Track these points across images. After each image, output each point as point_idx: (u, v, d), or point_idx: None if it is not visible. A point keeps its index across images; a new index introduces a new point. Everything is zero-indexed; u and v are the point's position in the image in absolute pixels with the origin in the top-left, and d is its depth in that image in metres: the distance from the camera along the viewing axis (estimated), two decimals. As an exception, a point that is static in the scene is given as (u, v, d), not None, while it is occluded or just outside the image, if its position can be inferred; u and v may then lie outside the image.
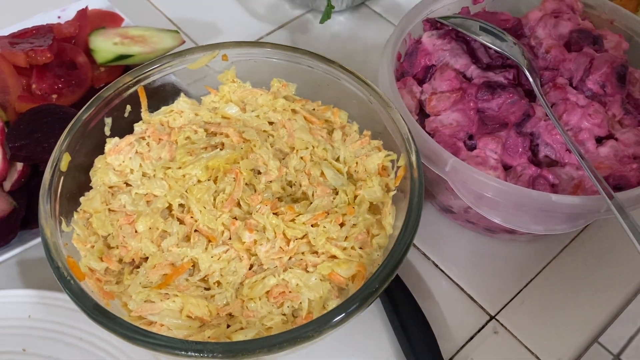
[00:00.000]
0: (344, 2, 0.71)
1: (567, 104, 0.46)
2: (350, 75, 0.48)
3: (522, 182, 0.44)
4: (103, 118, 0.46)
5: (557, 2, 0.53)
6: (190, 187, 0.44)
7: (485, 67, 0.49)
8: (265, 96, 0.51)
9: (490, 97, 0.46)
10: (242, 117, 0.50)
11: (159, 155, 0.47)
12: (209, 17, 0.72)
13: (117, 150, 0.46)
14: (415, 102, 0.49)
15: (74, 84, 0.57)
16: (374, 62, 0.68)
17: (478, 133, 0.46)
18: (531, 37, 0.51)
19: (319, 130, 0.49)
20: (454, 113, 0.46)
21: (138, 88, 0.48)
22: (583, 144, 0.46)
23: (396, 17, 0.73)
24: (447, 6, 0.55)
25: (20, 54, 0.55)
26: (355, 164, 0.47)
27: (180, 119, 0.50)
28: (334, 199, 0.45)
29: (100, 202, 0.43)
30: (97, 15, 0.65)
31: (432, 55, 0.50)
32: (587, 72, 0.48)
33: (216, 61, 0.50)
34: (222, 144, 0.48)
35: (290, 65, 0.51)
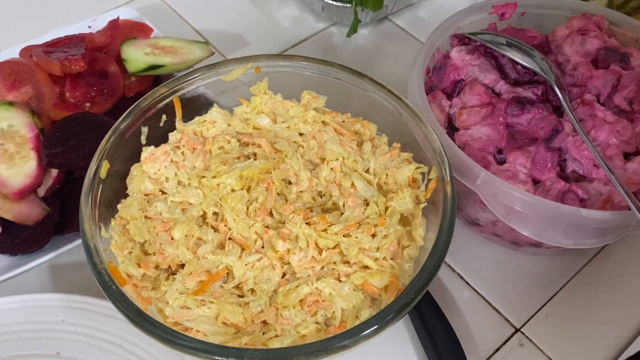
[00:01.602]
0: (367, 16, 0.72)
1: (595, 120, 0.47)
2: (380, 88, 0.49)
3: (550, 197, 0.45)
4: (140, 127, 0.47)
5: (583, 20, 0.54)
6: (224, 196, 0.45)
7: (513, 83, 0.50)
8: (296, 108, 0.52)
9: (520, 112, 0.47)
10: (273, 128, 0.51)
11: (194, 164, 0.48)
12: (235, 29, 0.73)
13: (153, 159, 0.47)
14: (444, 116, 0.50)
15: (106, 93, 0.58)
16: (397, 76, 0.69)
17: (507, 147, 0.47)
18: (558, 53, 0.52)
19: (349, 142, 0.50)
20: (484, 127, 0.47)
21: (174, 98, 0.49)
22: (611, 160, 0.46)
23: (418, 32, 0.74)
24: (474, 22, 0.56)
25: (55, 63, 0.56)
26: (385, 175, 0.48)
27: (213, 129, 0.51)
28: (365, 210, 0.45)
29: (137, 209, 0.44)
30: (127, 25, 0.66)
31: (461, 70, 0.51)
32: (614, 89, 0.49)
33: (248, 73, 0.51)
34: (255, 154, 0.49)
35: (321, 78, 0.52)
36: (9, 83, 0.56)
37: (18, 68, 0.57)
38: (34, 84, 0.56)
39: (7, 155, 0.51)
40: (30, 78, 0.56)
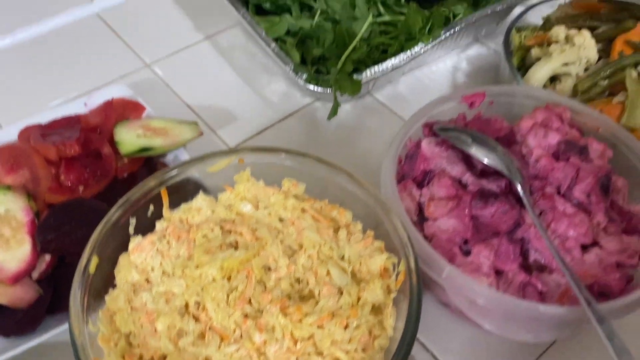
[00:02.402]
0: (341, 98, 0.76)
1: (555, 213, 0.50)
2: (353, 179, 0.52)
3: (512, 288, 0.48)
4: (128, 218, 0.50)
5: (547, 111, 0.57)
6: (206, 286, 0.48)
7: (479, 174, 0.54)
8: (277, 195, 0.55)
9: (484, 206, 0.50)
10: (255, 215, 0.54)
11: (178, 253, 0.51)
12: (225, 104, 0.77)
13: (140, 249, 0.50)
14: (414, 205, 0.53)
15: (99, 175, 0.61)
16: (378, 150, 0.72)
17: (473, 239, 0.50)
18: (523, 144, 0.56)
19: (326, 229, 0.53)
20: (451, 219, 0.50)
21: (161, 190, 0.52)
22: (570, 251, 0.49)
23: (398, 107, 0.78)
24: (445, 112, 0.59)
25: (51, 148, 0.60)
26: (359, 263, 0.51)
27: (198, 216, 0.54)
28: (339, 299, 0.48)
29: (123, 300, 0.47)
30: (120, 104, 0.70)
31: (430, 160, 0.55)
32: (573, 181, 0.52)
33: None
34: (237, 242, 0.52)
35: (300, 167, 0.55)
36: (7, 166, 0.60)
37: (16, 152, 0.60)
38: (31, 167, 0.59)
39: (4, 239, 0.54)
40: (28, 162, 0.60)
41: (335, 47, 0.70)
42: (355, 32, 0.68)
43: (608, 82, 0.65)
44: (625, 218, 0.52)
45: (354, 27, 0.68)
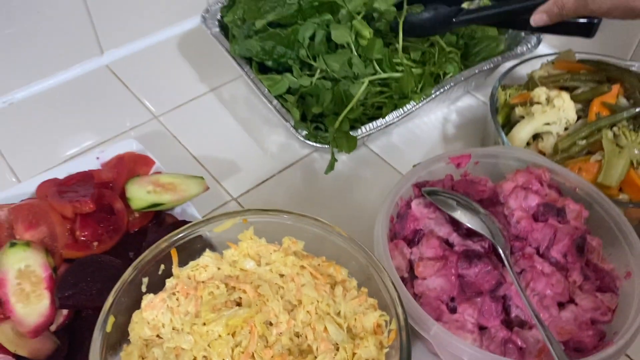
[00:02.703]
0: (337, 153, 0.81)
1: (534, 272, 0.55)
2: (347, 239, 0.57)
3: (495, 343, 0.52)
4: (141, 278, 0.55)
5: (527, 174, 0.62)
6: (212, 342, 0.52)
7: (465, 234, 0.58)
8: (278, 253, 0.59)
9: (469, 266, 0.55)
10: (257, 271, 0.59)
11: (187, 310, 0.55)
12: (229, 154, 0.82)
13: (152, 306, 0.54)
14: (406, 262, 0.58)
15: (111, 230, 0.66)
16: (373, 199, 0.77)
17: (459, 297, 0.54)
18: (505, 206, 0.60)
19: (323, 286, 0.57)
20: (438, 279, 0.55)
21: (171, 250, 0.57)
22: (548, 309, 0.54)
23: (390, 156, 0.83)
24: (434, 172, 0.64)
25: (67, 206, 0.64)
26: (354, 319, 0.55)
27: (205, 272, 0.58)
28: (335, 355, 0.52)
29: (137, 356, 0.51)
30: (131, 158, 0.75)
31: (420, 221, 0.59)
32: (551, 242, 0.57)
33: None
34: (240, 298, 0.56)
35: (299, 226, 0.60)
36: (27, 223, 0.64)
37: (35, 209, 0.65)
38: (49, 224, 0.64)
39: (24, 294, 0.58)
40: (45, 219, 0.64)
41: (333, 105, 0.75)
42: (352, 94, 0.73)
43: (586, 141, 0.70)
44: (599, 276, 0.56)
45: (351, 89, 0.73)
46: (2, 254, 0.60)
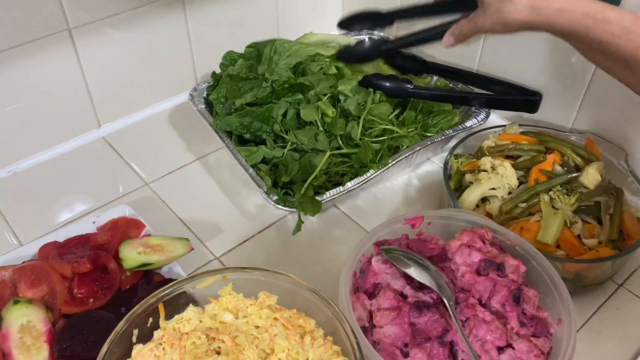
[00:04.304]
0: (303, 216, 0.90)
1: (476, 320, 0.63)
2: (315, 293, 0.65)
3: (442, 384, 0.59)
4: (132, 329, 0.62)
5: (471, 233, 0.71)
6: (194, 387, 0.59)
7: (417, 287, 0.67)
8: (254, 306, 0.67)
9: (419, 315, 0.63)
10: (235, 323, 0.66)
11: (172, 358, 0.62)
12: (211, 217, 0.91)
13: (141, 355, 0.61)
14: (366, 313, 0.66)
15: (106, 287, 0.73)
16: (343, 254, 0.85)
17: (411, 342, 0.62)
18: (452, 261, 0.69)
19: (294, 335, 0.65)
20: (393, 327, 0.63)
21: (159, 305, 0.64)
22: (488, 352, 0.61)
23: (357, 217, 0.92)
24: (392, 231, 0.73)
25: (66, 266, 0.72)
26: (320, 366, 0.62)
27: (188, 325, 0.65)
28: (303, 399, 0.59)
29: (127, 400, 0.58)
30: (124, 222, 0.83)
31: (378, 275, 0.68)
32: (491, 293, 0.65)
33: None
34: (219, 347, 0.63)
35: (273, 282, 0.68)
36: (29, 282, 0.71)
37: (37, 270, 0.72)
38: (49, 283, 0.71)
39: (25, 347, 0.65)
40: (46, 278, 0.72)
41: (300, 174, 0.84)
42: (316, 164, 0.83)
43: (527, 204, 0.80)
44: (534, 323, 0.64)
45: (315, 160, 0.83)
46: (6, 311, 0.67)
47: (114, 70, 1.01)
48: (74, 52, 0.94)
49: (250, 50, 0.98)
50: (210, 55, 1.06)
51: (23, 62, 0.90)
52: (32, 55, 0.90)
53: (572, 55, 0.94)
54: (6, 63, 0.88)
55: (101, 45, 0.97)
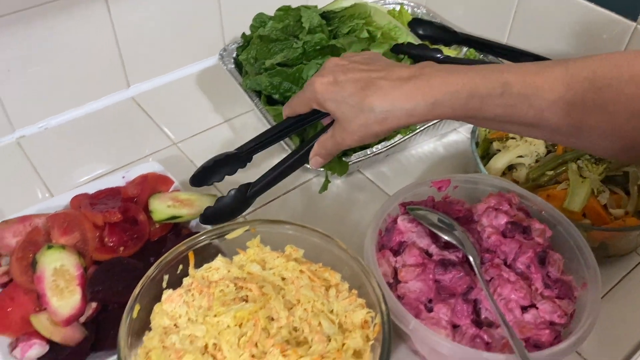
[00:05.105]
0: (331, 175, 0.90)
1: (500, 280, 0.64)
2: (342, 248, 0.66)
3: (466, 339, 0.60)
4: (162, 275, 0.64)
5: (498, 197, 0.71)
6: (222, 331, 0.61)
7: (442, 246, 0.67)
8: (280, 259, 0.68)
9: (444, 272, 0.63)
10: (262, 274, 0.68)
11: (200, 304, 0.63)
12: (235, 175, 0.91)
13: (170, 300, 0.63)
14: (391, 269, 0.67)
15: (135, 238, 0.75)
16: (366, 219, 0.86)
17: (435, 298, 0.63)
18: (478, 223, 0.70)
19: (319, 287, 0.66)
20: (418, 282, 0.63)
21: (189, 253, 0.66)
22: (512, 311, 0.62)
23: (381, 183, 0.92)
24: (418, 194, 0.74)
25: (98, 215, 0.74)
26: (344, 316, 0.63)
27: (216, 274, 0.67)
28: (327, 345, 0.60)
29: (157, 340, 0.60)
30: (153, 178, 0.84)
31: (404, 234, 0.68)
32: (517, 254, 0.66)
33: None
34: (247, 296, 0.64)
35: (300, 235, 0.69)
36: (62, 229, 0.73)
37: (69, 218, 0.74)
38: (81, 231, 0.73)
39: (58, 289, 0.67)
40: (79, 226, 0.73)
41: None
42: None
43: (554, 172, 0.80)
44: (558, 285, 0.65)
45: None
46: (41, 255, 0.69)
47: (145, 31, 1.02)
48: (106, 10, 0.95)
49: (280, 14, 0.98)
50: (238, 19, 1.06)
51: (56, 19, 0.91)
52: (65, 12, 0.91)
53: (603, 31, 0.93)
54: (38, 19, 0.89)
55: (134, 5, 0.98)
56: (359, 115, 0.59)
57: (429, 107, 0.56)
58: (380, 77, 0.59)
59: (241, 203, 0.75)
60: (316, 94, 0.65)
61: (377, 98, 0.58)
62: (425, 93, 0.55)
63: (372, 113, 0.58)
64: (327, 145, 0.68)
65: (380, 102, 0.57)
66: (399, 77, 0.58)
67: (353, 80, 0.61)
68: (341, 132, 0.63)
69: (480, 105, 0.54)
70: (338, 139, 0.65)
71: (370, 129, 0.60)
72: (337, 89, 0.62)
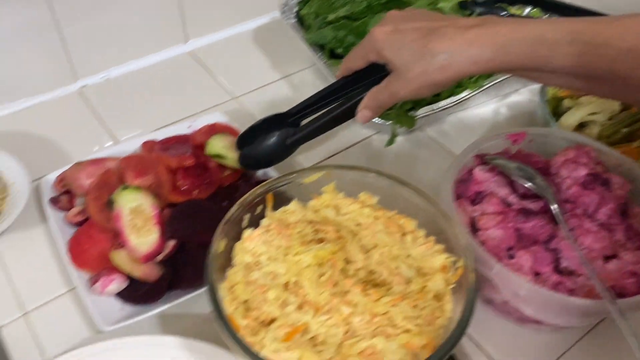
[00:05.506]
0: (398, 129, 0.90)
1: (581, 229, 0.63)
2: (420, 194, 0.65)
3: (547, 286, 0.60)
4: (242, 215, 0.64)
5: (576, 150, 0.70)
6: (302, 269, 0.61)
7: (521, 196, 0.67)
8: (355, 205, 0.68)
9: (525, 220, 0.63)
10: (336, 219, 0.68)
11: (279, 244, 0.64)
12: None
13: (251, 239, 0.63)
14: (468, 219, 0.66)
15: (207, 183, 0.75)
16: (428, 178, 0.86)
17: (516, 246, 0.62)
18: (556, 175, 0.69)
19: (395, 234, 0.66)
20: (498, 230, 0.63)
21: (267, 195, 0.66)
22: (594, 261, 0.61)
23: (445, 140, 0.92)
24: (492, 146, 0.73)
25: (173, 159, 0.74)
26: (422, 261, 0.63)
27: (292, 216, 0.67)
28: (407, 287, 0.61)
29: (241, 275, 0.60)
30: (221, 127, 0.84)
31: (482, 184, 0.68)
32: (598, 206, 0.65)
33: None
34: (324, 238, 0.65)
35: (375, 183, 0.68)
36: (136, 171, 0.74)
37: (144, 161, 0.75)
38: (155, 173, 0.74)
39: (136, 228, 0.68)
40: (153, 169, 0.74)
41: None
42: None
43: (628, 129, 0.78)
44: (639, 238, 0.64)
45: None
46: (117, 195, 0.70)
47: (205, -15, 1.02)
48: (170, -39, 0.95)
49: (342, -31, 0.97)
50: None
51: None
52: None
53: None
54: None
55: (196, -43, 0.97)
56: (420, 61, 0.57)
57: (495, 54, 0.53)
58: (444, 25, 0.57)
59: (281, 150, 0.75)
60: (375, 43, 0.62)
61: (440, 43, 0.55)
62: (492, 38, 0.53)
63: (435, 59, 0.56)
64: (379, 96, 0.64)
65: (444, 47, 0.55)
66: (464, 25, 0.55)
67: (415, 28, 0.59)
68: (397, 81, 0.60)
69: (548, 53, 0.52)
70: (393, 89, 0.61)
71: (429, 77, 0.57)
72: (398, 36, 0.60)
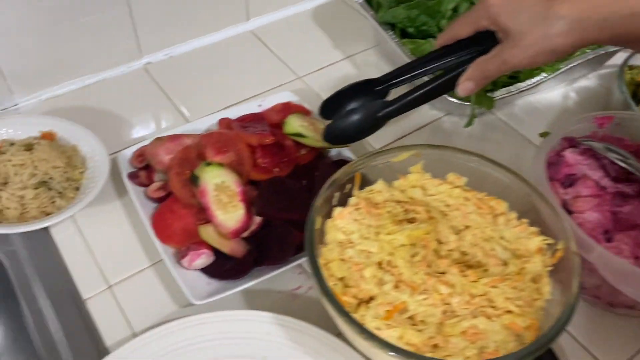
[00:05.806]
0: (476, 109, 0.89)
1: (681, 214, 0.62)
2: (514, 175, 0.64)
3: (649, 270, 0.59)
4: (333, 193, 0.63)
5: (668, 134, 0.69)
6: (395, 248, 0.61)
7: (614, 180, 0.65)
8: (444, 185, 0.67)
9: (623, 203, 0.62)
10: (424, 199, 0.67)
11: (370, 223, 0.63)
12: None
13: (341, 217, 0.63)
14: (560, 201, 0.65)
15: (285, 161, 0.75)
16: (503, 159, 0.82)
17: (613, 230, 0.61)
18: (650, 158, 0.67)
19: (487, 215, 0.65)
20: (594, 213, 0.62)
21: (355, 174, 0.65)
22: (696, 246, 0.60)
23: (515, 123, 0.90)
24: (579, 129, 0.71)
25: (253, 136, 0.74)
26: (517, 243, 0.62)
27: (379, 196, 0.66)
28: (504, 269, 0.60)
29: (336, 253, 0.60)
30: (294, 106, 0.84)
31: (573, 167, 0.67)
32: (696, 190, 0.64)
33: (408, 156, 0.68)
34: (414, 218, 0.64)
35: (464, 164, 0.67)
36: (216, 148, 0.73)
37: (223, 138, 0.74)
38: (236, 150, 0.73)
39: (222, 204, 0.68)
40: (233, 146, 0.73)
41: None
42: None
43: None
44: None
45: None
46: (200, 171, 0.70)
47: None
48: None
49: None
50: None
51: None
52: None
53: None
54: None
55: None
56: (540, 25, 0.53)
57: (623, 20, 0.50)
58: None
59: (370, 124, 0.70)
60: (490, 7, 0.59)
61: (566, 5, 0.52)
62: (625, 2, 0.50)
63: (558, 22, 0.52)
64: (487, 66, 0.60)
65: (570, 10, 0.52)
66: None
67: None
68: (512, 48, 0.57)
69: None
70: (505, 57, 0.58)
71: (549, 42, 0.54)
72: (515, 0, 0.57)
